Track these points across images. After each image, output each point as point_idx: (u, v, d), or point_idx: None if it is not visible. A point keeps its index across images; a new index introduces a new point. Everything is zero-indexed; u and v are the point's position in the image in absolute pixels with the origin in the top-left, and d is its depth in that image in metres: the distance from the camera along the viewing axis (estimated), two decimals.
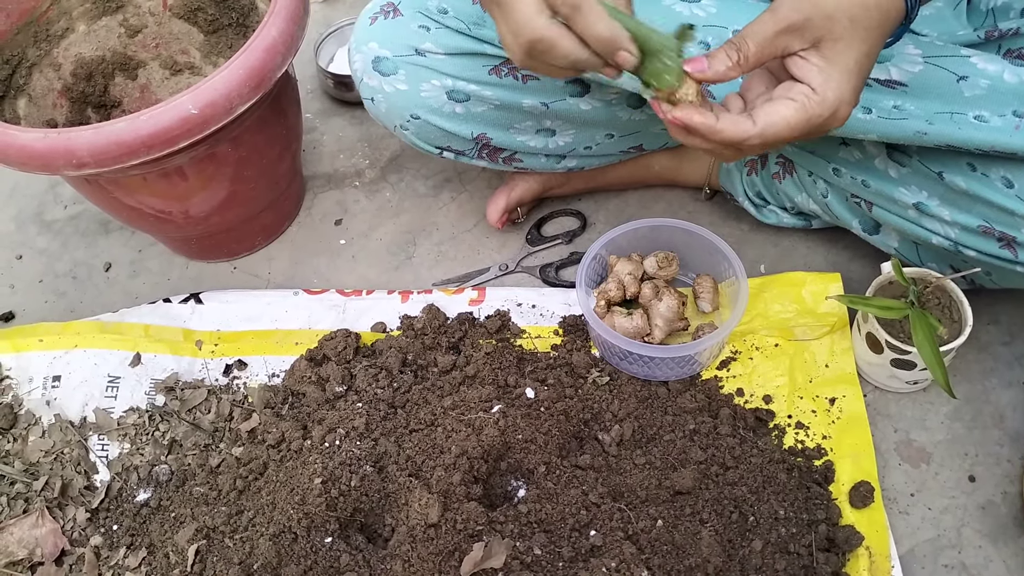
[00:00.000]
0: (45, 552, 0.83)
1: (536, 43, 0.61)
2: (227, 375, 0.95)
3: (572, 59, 0.61)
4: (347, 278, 1.07)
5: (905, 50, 0.75)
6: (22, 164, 0.84)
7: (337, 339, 0.94)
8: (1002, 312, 0.95)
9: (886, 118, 0.75)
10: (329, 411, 0.88)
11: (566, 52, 0.61)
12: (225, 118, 0.84)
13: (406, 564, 0.75)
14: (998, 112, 0.71)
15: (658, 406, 0.88)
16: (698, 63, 0.62)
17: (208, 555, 0.81)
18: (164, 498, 0.86)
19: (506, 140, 0.93)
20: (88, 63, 1.05)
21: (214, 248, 1.09)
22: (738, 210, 1.05)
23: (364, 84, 0.89)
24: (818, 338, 0.92)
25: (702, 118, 0.61)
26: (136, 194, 0.93)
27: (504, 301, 0.99)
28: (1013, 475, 0.84)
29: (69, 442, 0.90)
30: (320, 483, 0.79)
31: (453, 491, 0.78)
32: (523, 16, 0.60)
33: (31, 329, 0.98)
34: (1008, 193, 0.74)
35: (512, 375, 0.89)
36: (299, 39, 0.90)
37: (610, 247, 0.94)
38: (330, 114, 1.25)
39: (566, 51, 0.61)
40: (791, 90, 0.61)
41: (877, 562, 0.78)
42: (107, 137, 0.81)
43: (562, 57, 0.61)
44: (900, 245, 0.91)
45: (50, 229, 1.18)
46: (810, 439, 0.86)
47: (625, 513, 0.79)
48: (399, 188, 1.16)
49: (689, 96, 0.62)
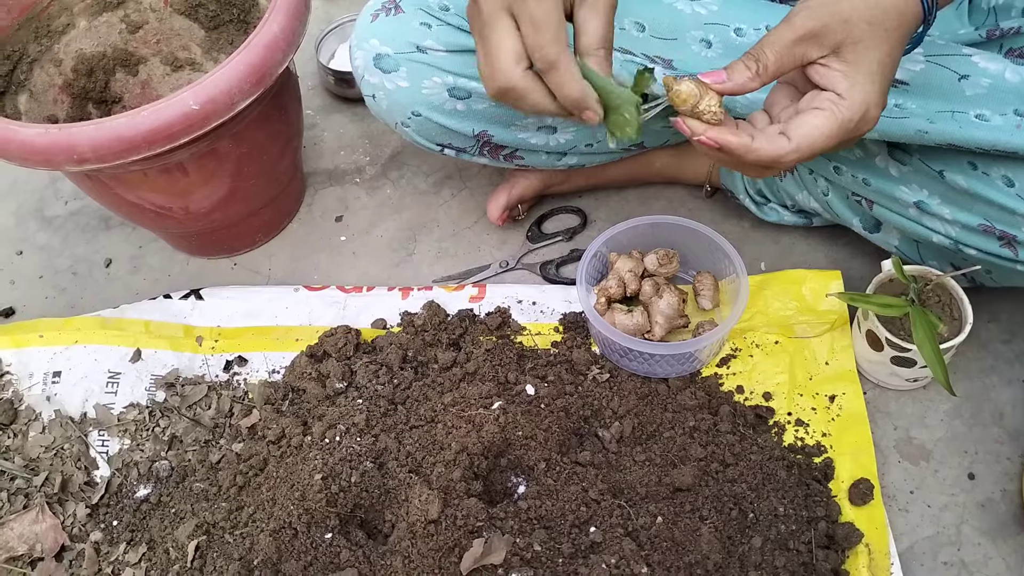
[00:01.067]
0: (45, 548, 0.83)
1: (508, 91, 0.63)
2: (227, 371, 0.95)
3: (539, 110, 0.64)
4: (347, 274, 1.07)
5: None
6: (23, 159, 0.83)
7: (337, 335, 0.94)
8: (1002, 310, 0.95)
9: (888, 116, 0.75)
10: (329, 407, 0.89)
11: (534, 103, 0.64)
12: (226, 114, 0.84)
13: (406, 560, 0.75)
14: (999, 111, 0.71)
15: (658, 403, 0.88)
16: (717, 75, 0.61)
17: (208, 551, 0.81)
18: (164, 494, 0.86)
19: (507, 137, 0.93)
20: (89, 59, 1.05)
21: (215, 244, 1.09)
22: (739, 208, 1.05)
23: (365, 81, 0.89)
24: (818, 335, 0.92)
25: (737, 139, 0.60)
26: (137, 190, 0.93)
27: (504, 298, 0.99)
28: (1013, 473, 0.85)
29: (69, 438, 0.90)
30: (320, 479, 0.79)
31: (453, 487, 0.78)
32: (501, 64, 0.62)
33: (31, 325, 0.98)
34: (1009, 192, 0.74)
35: (512, 372, 0.89)
36: (300, 35, 0.90)
37: (611, 244, 0.94)
38: (331, 110, 1.25)
39: (534, 103, 0.64)
40: (817, 99, 0.60)
41: (876, 559, 0.78)
42: (108, 133, 0.81)
43: (530, 107, 0.64)
44: (900, 243, 0.91)
45: (50, 225, 1.18)
46: (810, 436, 0.86)
47: (625, 510, 0.79)
48: (400, 185, 1.16)
49: (712, 108, 0.61)
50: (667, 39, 0.82)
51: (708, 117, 0.61)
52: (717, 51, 0.82)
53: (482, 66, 0.65)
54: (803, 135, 0.60)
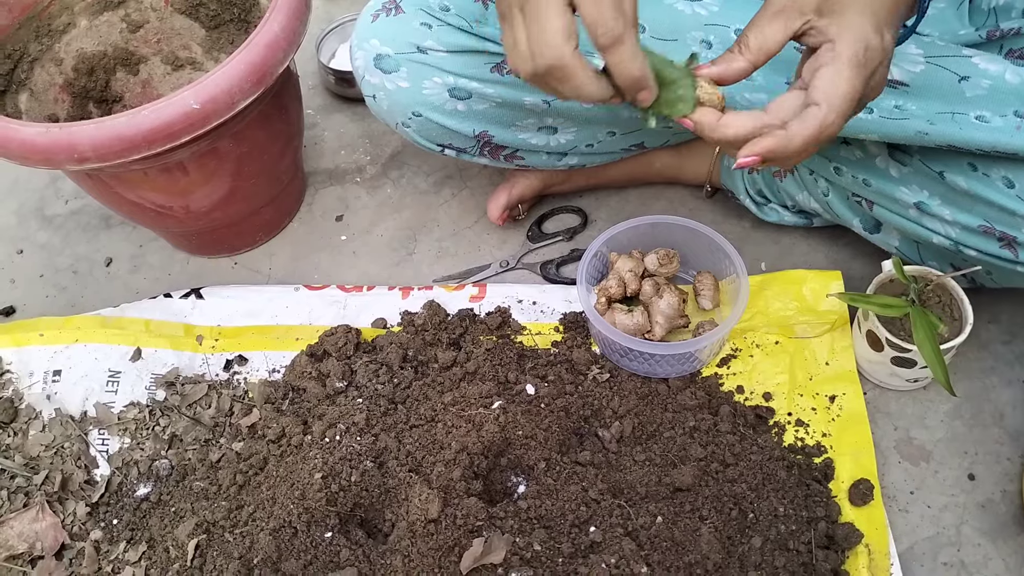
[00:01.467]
0: (45, 546, 0.83)
1: (554, 69, 0.59)
2: (227, 370, 0.96)
3: (581, 91, 0.60)
4: (348, 274, 1.07)
5: (907, 50, 0.75)
6: (24, 158, 0.84)
7: (338, 335, 0.94)
8: (1002, 311, 0.95)
9: (887, 118, 0.75)
10: (329, 407, 0.89)
11: (580, 83, 0.59)
12: (227, 113, 0.84)
13: (406, 559, 0.75)
14: (999, 112, 0.71)
15: (658, 403, 0.88)
16: (705, 65, 0.62)
17: (208, 549, 0.81)
18: (164, 493, 0.86)
19: (508, 138, 0.93)
20: (90, 58, 1.05)
21: (215, 244, 1.09)
22: (739, 208, 1.05)
23: (366, 81, 0.89)
24: (818, 336, 0.92)
25: (773, 139, 0.60)
26: (137, 189, 0.93)
27: (505, 298, 0.99)
28: (1013, 473, 0.85)
29: (69, 436, 0.90)
30: (320, 478, 0.79)
31: (453, 487, 0.78)
32: (550, 38, 0.58)
33: (32, 323, 0.98)
34: (1009, 193, 0.74)
35: (512, 371, 0.89)
36: (301, 35, 0.90)
37: (611, 244, 0.94)
38: (331, 110, 1.25)
39: (580, 83, 0.59)
40: (818, 59, 0.60)
41: (876, 560, 0.78)
42: (109, 131, 0.81)
43: (573, 88, 0.60)
44: (901, 244, 0.91)
45: (51, 224, 1.18)
46: (810, 436, 0.86)
47: (625, 509, 0.79)
48: (400, 184, 1.16)
49: (713, 100, 0.62)
50: (667, 40, 0.82)
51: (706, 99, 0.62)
52: (717, 52, 0.82)
53: (520, 41, 0.60)
54: (826, 92, 0.59)
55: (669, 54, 0.63)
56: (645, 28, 0.83)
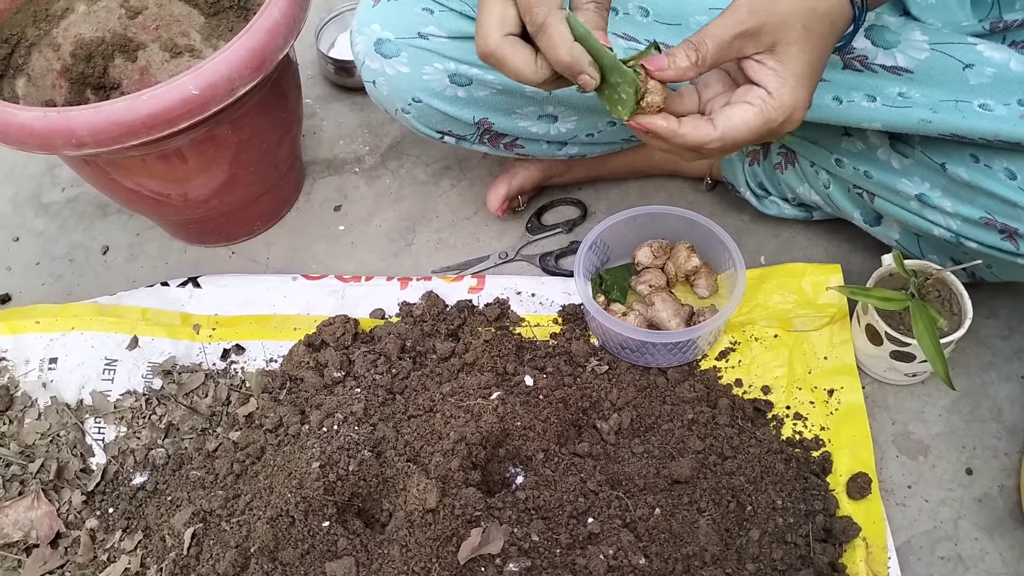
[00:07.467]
0: (40, 534, 0.83)
1: (487, 56, 0.65)
2: (225, 359, 0.95)
3: (519, 76, 0.64)
4: (346, 264, 1.07)
5: (912, 36, 0.74)
6: (21, 143, 0.83)
7: (335, 325, 0.93)
8: (1001, 306, 0.95)
9: (891, 106, 0.75)
10: (327, 396, 0.88)
11: (513, 69, 0.64)
12: (226, 99, 0.83)
13: (404, 549, 0.74)
14: (1003, 100, 0.71)
15: (657, 395, 0.88)
16: (659, 61, 0.63)
17: (205, 538, 0.81)
18: (160, 482, 0.86)
19: (508, 125, 0.92)
20: (88, 44, 1.04)
21: (212, 232, 1.08)
22: (739, 201, 1.05)
23: (366, 67, 0.88)
24: (817, 329, 0.92)
25: (665, 123, 0.64)
26: (135, 176, 0.93)
27: (503, 289, 0.98)
28: (1010, 468, 0.85)
29: (65, 424, 0.89)
30: (318, 467, 0.79)
31: (451, 477, 0.78)
32: (482, 28, 0.64)
33: (28, 311, 0.98)
34: (1011, 185, 0.74)
35: (511, 363, 0.89)
36: (301, 21, 0.90)
37: (608, 234, 0.94)
38: (330, 100, 1.25)
39: (513, 68, 0.64)
40: (748, 94, 0.63)
41: (874, 553, 0.78)
42: (107, 117, 0.80)
43: (510, 72, 0.65)
44: (901, 237, 0.91)
45: (48, 211, 1.17)
46: (808, 430, 0.86)
47: (623, 501, 0.79)
48: (399, 175, 1.15)
49: (654, 95, 0.63)
50: (672, 24, 0.82)
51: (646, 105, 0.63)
52: None
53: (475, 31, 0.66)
54: (730, 127, 0.63)
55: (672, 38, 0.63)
56: (649, 12, 0.82)
